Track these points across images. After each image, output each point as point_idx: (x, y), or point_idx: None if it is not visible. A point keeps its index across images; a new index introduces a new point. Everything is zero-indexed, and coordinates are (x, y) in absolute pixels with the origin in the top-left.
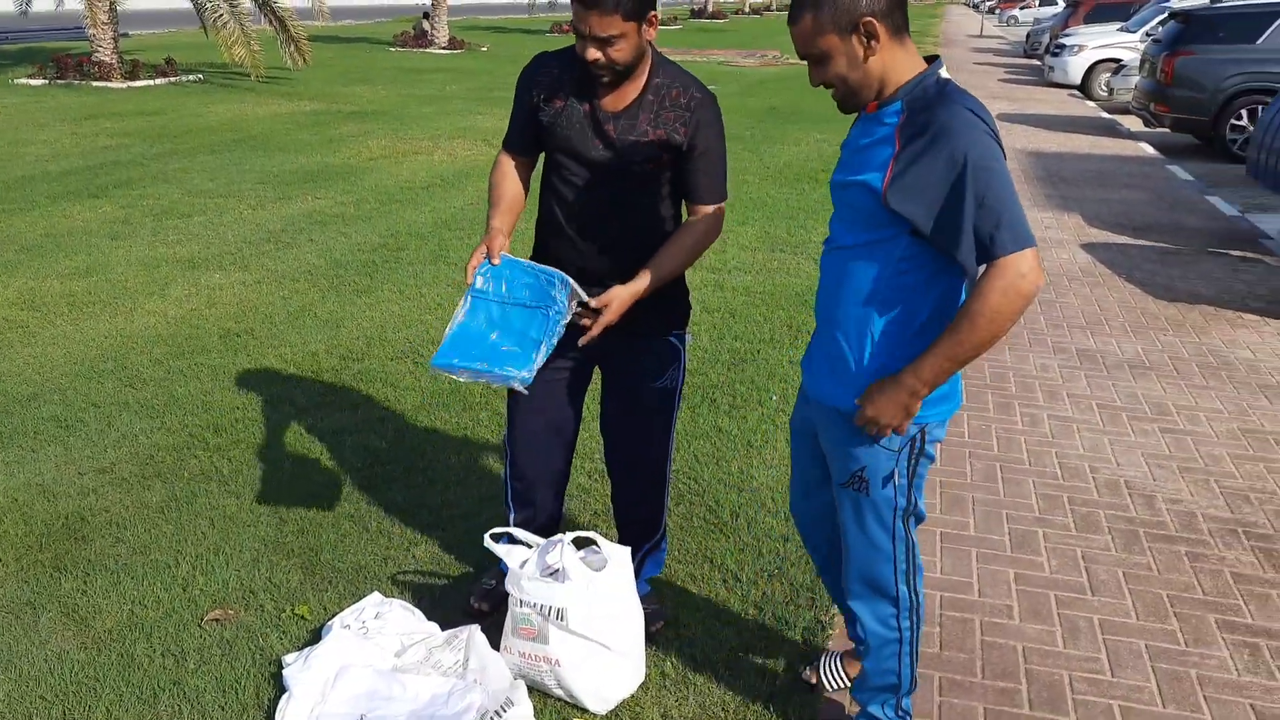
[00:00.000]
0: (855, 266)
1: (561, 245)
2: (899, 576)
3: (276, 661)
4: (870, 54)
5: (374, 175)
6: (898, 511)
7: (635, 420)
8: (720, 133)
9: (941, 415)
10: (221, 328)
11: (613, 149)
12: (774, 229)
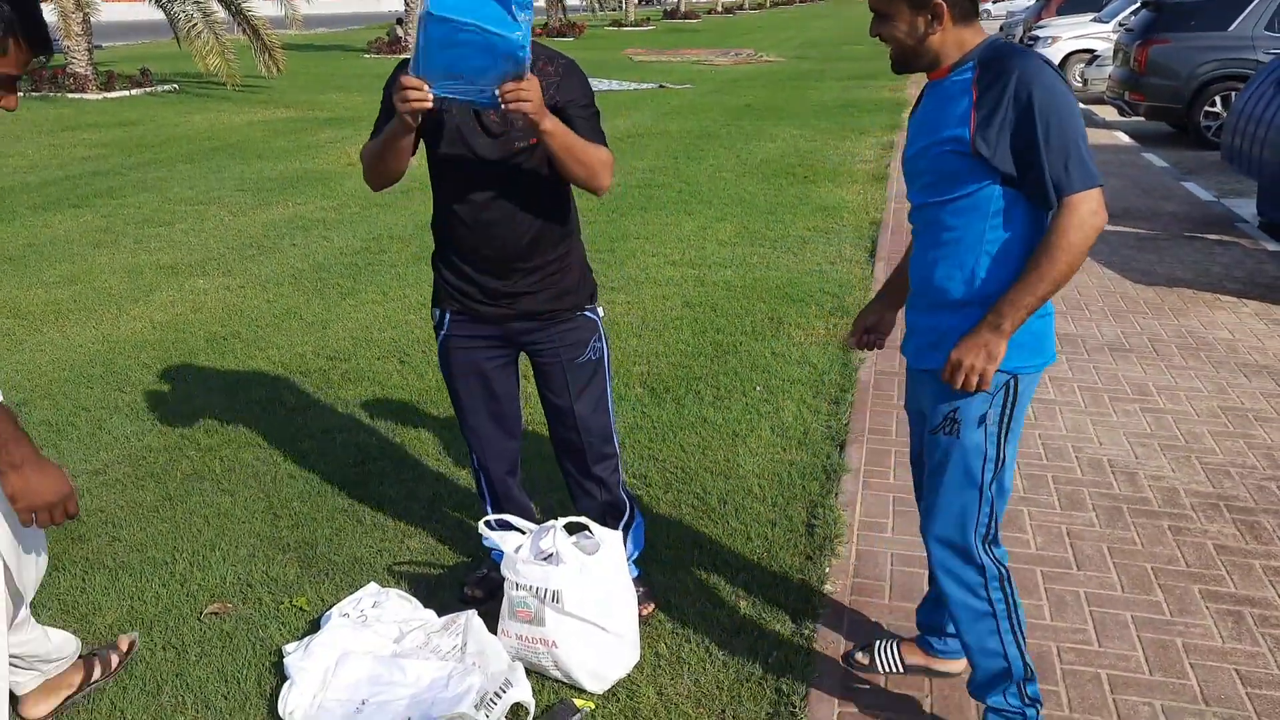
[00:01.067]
0: (945, 224)
1: (463, 236)
2: (979, 541)
3: (277, 651)
4: (931, 32)
5: (353, 180)
6: (987, 461)
7: (572, 398)
8: (588, 91)
9: (1034, 366)
10: (208, 332)
11: (497, 131)
12: (752, 224)
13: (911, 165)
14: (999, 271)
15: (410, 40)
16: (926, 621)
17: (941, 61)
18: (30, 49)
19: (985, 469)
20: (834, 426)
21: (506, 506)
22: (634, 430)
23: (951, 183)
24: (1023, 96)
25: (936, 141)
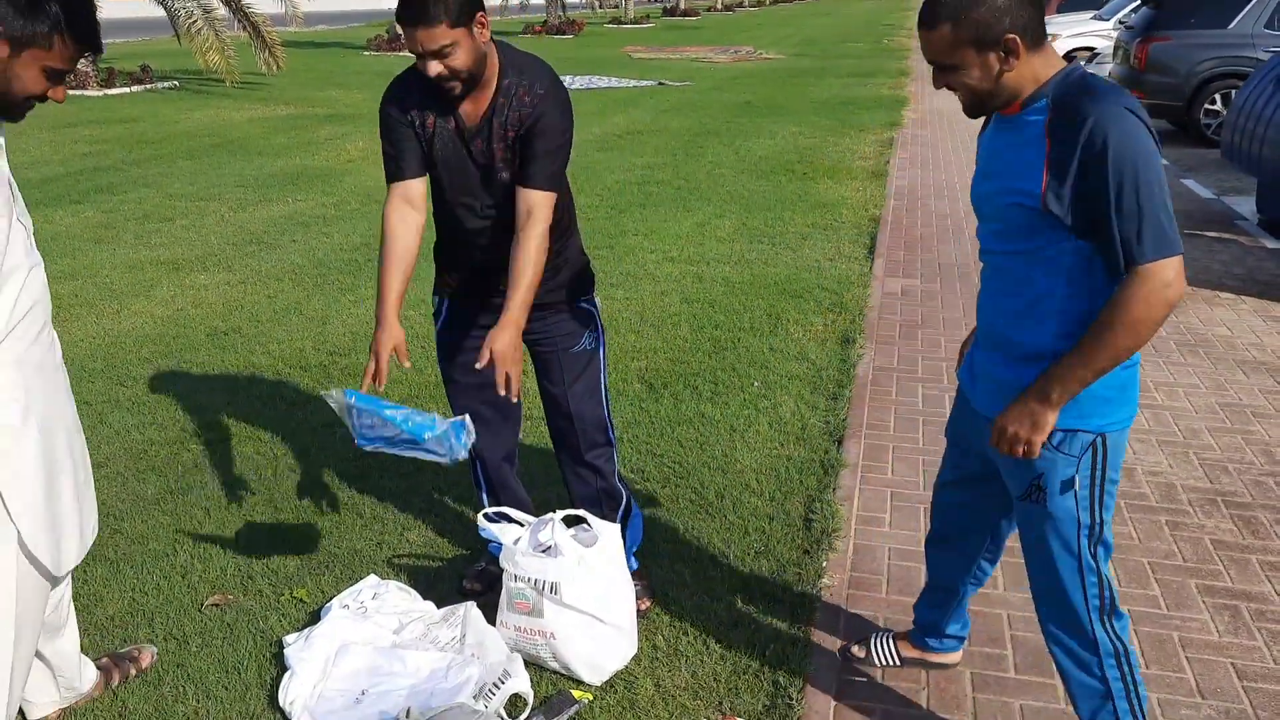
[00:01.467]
0: (1019, 277)
1: (459, 250)
2: (1092, 613)
3: (277, 642)
4: (1007, 69)
5: (352, 177)
6: (1082, 529)
7: (567, 386)
8: (562, 125)
9: (1119, 423)
10: (209, 327)
11: (483, 162)
12: (751, 221)
13: (980, 204)
14: (1077, 330)
15: None
16: (925, 620)
17: (1017, 96)
18: (77, 45)
19: (1081, 537)
20: (832, 422)
21: (502, 495)
22: (632, 425)
23: (1023, 235)
24: (1096, 144)
25: (1006, 190)
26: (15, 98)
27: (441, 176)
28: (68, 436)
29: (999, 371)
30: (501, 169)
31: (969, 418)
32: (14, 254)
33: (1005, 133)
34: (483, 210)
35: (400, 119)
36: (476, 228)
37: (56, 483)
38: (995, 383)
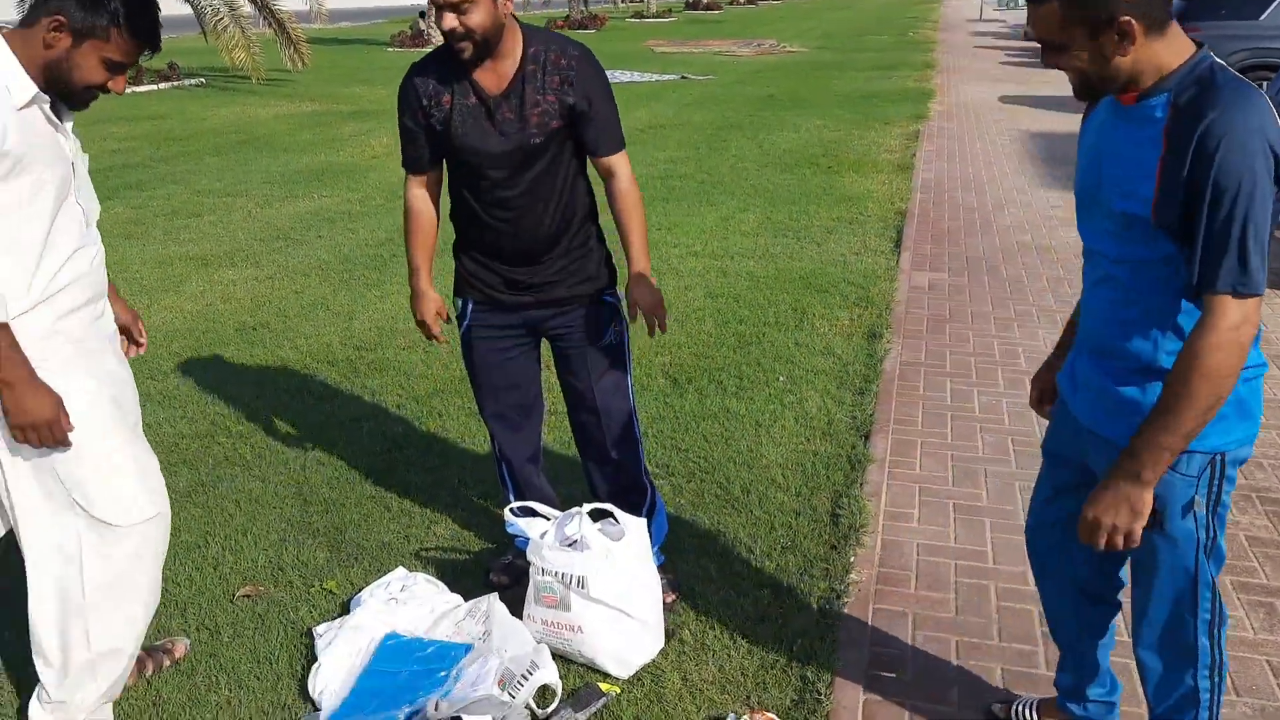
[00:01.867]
0: (1124, 286)
1: (482, 232)
2: (1200, 627)
3: (308, 633)
4: (1120, 53)
5: (377, 173)
6: (1200, 547)
7: (593, 382)
8: (605, 84)
9: (1237, 440)
10: (237, 321)
11: (509, 130)
12: (775, 214)
13: (1086, 198)
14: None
15: (433, 35)
16: (1062, 684)
17: (1135, 84)
18: (135, 41)
19: (1199, 556)
20: (859, 417)
21: (528, 495)
22: (656, 420)
23: (1135, 242)
24: (1207, 149)
25: (1120, 192)
26: (76, 86)
27: (463, 152)
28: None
29: (1103, 381)
30: (535, 134)
31: (1070, 428)
32: (66, 230)
33: (1122, 125)
34: (508, 181)
35: (412, 107)
36: (498, 203)
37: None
38: (1097, 392)
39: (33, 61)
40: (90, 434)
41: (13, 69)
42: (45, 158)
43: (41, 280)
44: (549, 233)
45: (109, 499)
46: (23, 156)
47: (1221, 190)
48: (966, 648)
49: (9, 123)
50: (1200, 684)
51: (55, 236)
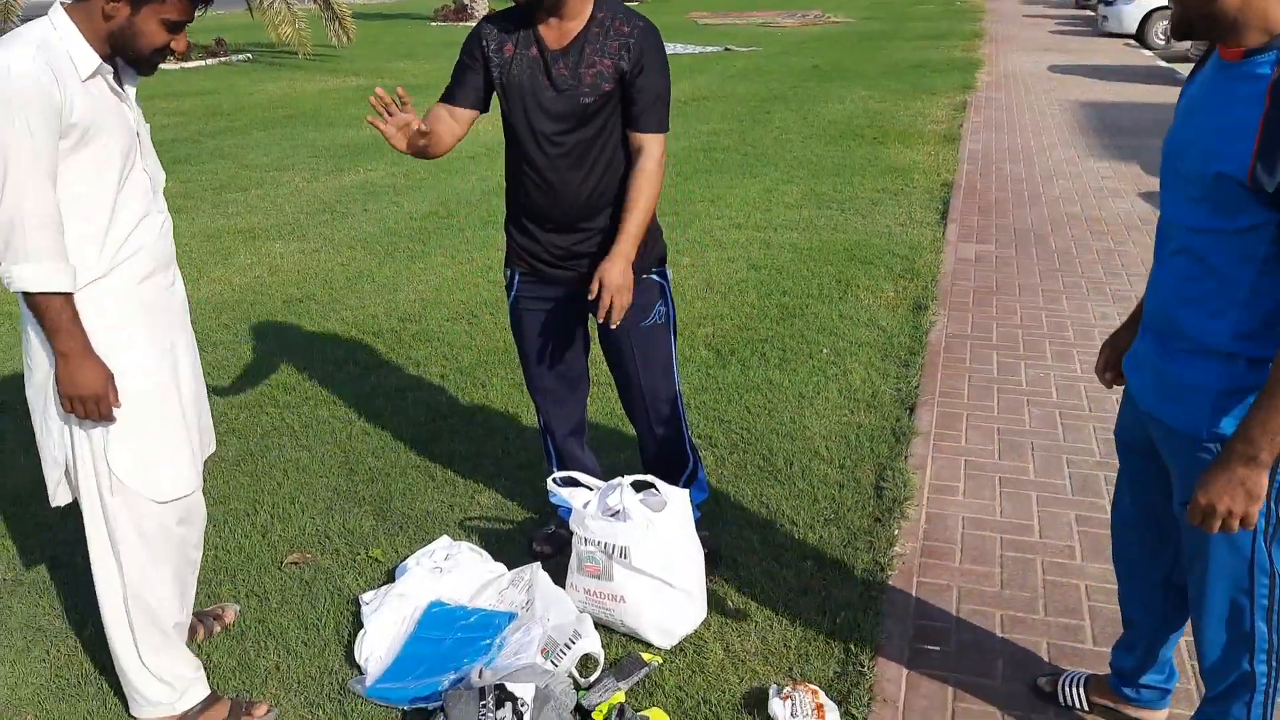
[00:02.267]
0: (1199, 259)
1: (527, 195)
2: (1257, 611)
3: (354, 600)
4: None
5: None
6: (1259, 534)
7: (637, 360)
8: (663, 61)
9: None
10: (284, 293)
11: (564, 85)
12: (820, 186)
13: (1172, 164)
14: (1260, 331)
15: (475, 9)
16: (1118, 664)
17: (1238, 35)
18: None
19: (1257, 539)
20: (903, 389)
21: (570, 467)
22: (699, 392)
23: (1222, 211)
24: None
25: (1211, 152)
26: (144, 52)
27: (513, 99)
28: (175, 371)
29: (1163, 364)
30: (586, 94)
31: (1132, 412)
32: (133, 197)
33: (1222, 82)
34: (554, 136)
35: (472, 50)
36: (545, 160)
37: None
38: (1156, 374)
39: (95, 34)
40: (137, 412)
41: (76, 41)
42: (110, 127)
43: (111, 247)
44: (589, 200)
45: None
46: (89, 127)
47: None
48: (1011, 621)
49: (75, 95)
50: (1257, 668)
51: (123, 204)
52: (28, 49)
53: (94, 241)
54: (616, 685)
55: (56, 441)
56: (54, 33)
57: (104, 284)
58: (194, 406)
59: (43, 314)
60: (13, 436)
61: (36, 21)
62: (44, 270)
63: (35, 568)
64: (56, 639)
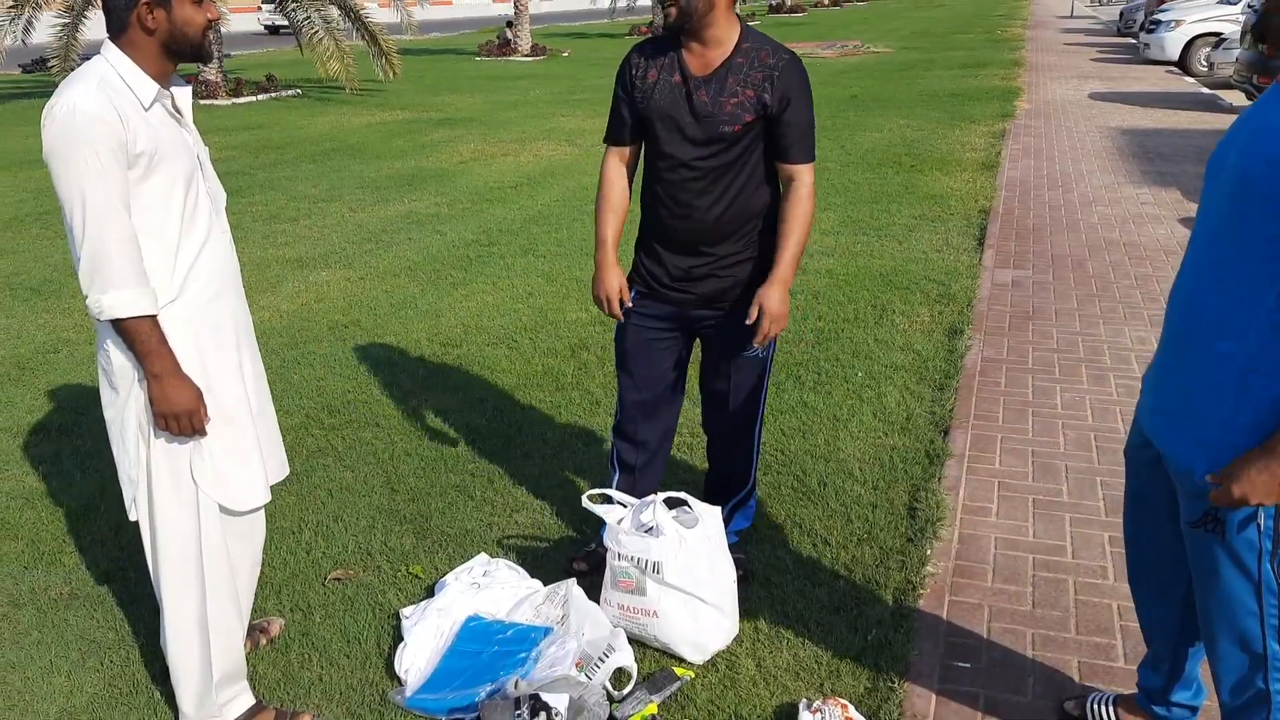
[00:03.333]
0: (1232, 280)
1: (658, 216)
2: (1269, 632)
3: (394, 615)
4: None
5: (465, 177)
6: (1264, 555)
7: (731, 387)
8: (808, 93)
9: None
10: (330, 320)
11: (704, 112)
12: (856, 213)
13: (1213, 168)
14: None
15: (519, 41)
16: (1146, 684)
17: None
18: None
19: (1263, 562)
20: (938, 412)
21: (641, 481)
22: None
23: (1244, 224)
24: None
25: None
26: (196, 39)
27: (654, 125)
28: (243, 387)
29: (1175, 374)
30: (726, 122)
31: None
32: (196, 220)
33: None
34: (691, 161)
35: (623, 81)
36: (677, 185)
37: (235, 428)
38: (1164, 395)
39: (148, 56)
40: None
41: (133, 72)
42: (173, 153)
43: (180, 270)
44: (717, 226)
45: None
46: (154, 154)
47: None
48: (1042, 640)
49: (138, 125)
50: (1272, 686)
51: (188, 227)
52: (89, 85)
53: (164, 266)
54: (649, 698)
55: (133, 460)
56: (110, 68)
57: (175, 307)
58: (263, 423)
59: (134, 338)
60: (69, 458)
61: (93, 60)
62: (131, 296)
63: (91, 582)
64: (110, 650)
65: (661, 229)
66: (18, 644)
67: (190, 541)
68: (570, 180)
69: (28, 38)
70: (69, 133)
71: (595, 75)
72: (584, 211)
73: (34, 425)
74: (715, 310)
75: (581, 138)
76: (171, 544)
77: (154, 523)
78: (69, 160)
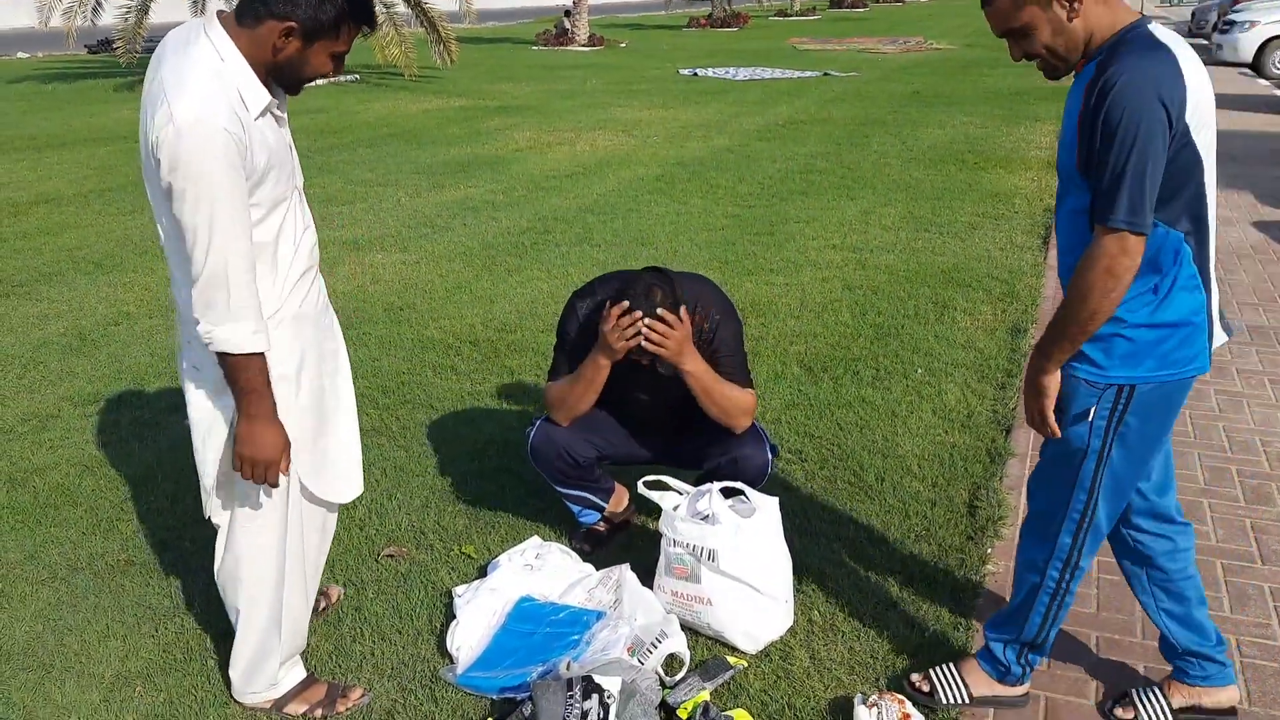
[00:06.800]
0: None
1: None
2: (1067, 525)
3: (446, 593)
4: (1074, 15)
5: (520, 165)
6: (1089, 454)
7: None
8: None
9: (1141, 375)
10: (386, 302)
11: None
12: (918, 209)
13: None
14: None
15: (576, 30)
16: (1170, 652)
17: (1092, 45)
18: (359, 27)
19: (1087, 460)
20: (1000, 411)
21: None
22: (790, 407)
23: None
24: (1104, 93)
25: (1063, 145)
26: (305, 80)
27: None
28: (342, 380)
29: None
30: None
31: None
32: (294, 221)
33: (1072, 92)
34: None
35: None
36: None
37: (331, 422)
38: None
39: (261, 64)
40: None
41: (247, 78)
42: (279, 161)
43: (281, 277)
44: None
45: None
46: (265, 164)
47: (1112, 130)
48: (1107, 643)
49: (253, 135)
50: (1049, 572)
51: (287, 232)
52: (208, 89)
53: (269, 277)
54: (702, 685)
55: (212, 460)
56: (223, 65)
57: (278, 317)
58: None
59: (239, 374)
60: (128, 427)
61: (201, 45)
62: (246, 331)
63: (147, 550)
64: (165, 617)
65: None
66: (76, 608)
67: (277, 534)
68: (626, 171)
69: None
70: (198, 148)
71: (652, 66)
72: (640, 202)
73: (94, 395)
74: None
75: (637, 129)
76: (260, 536)
77: (241, 515)
78: (198, 179)
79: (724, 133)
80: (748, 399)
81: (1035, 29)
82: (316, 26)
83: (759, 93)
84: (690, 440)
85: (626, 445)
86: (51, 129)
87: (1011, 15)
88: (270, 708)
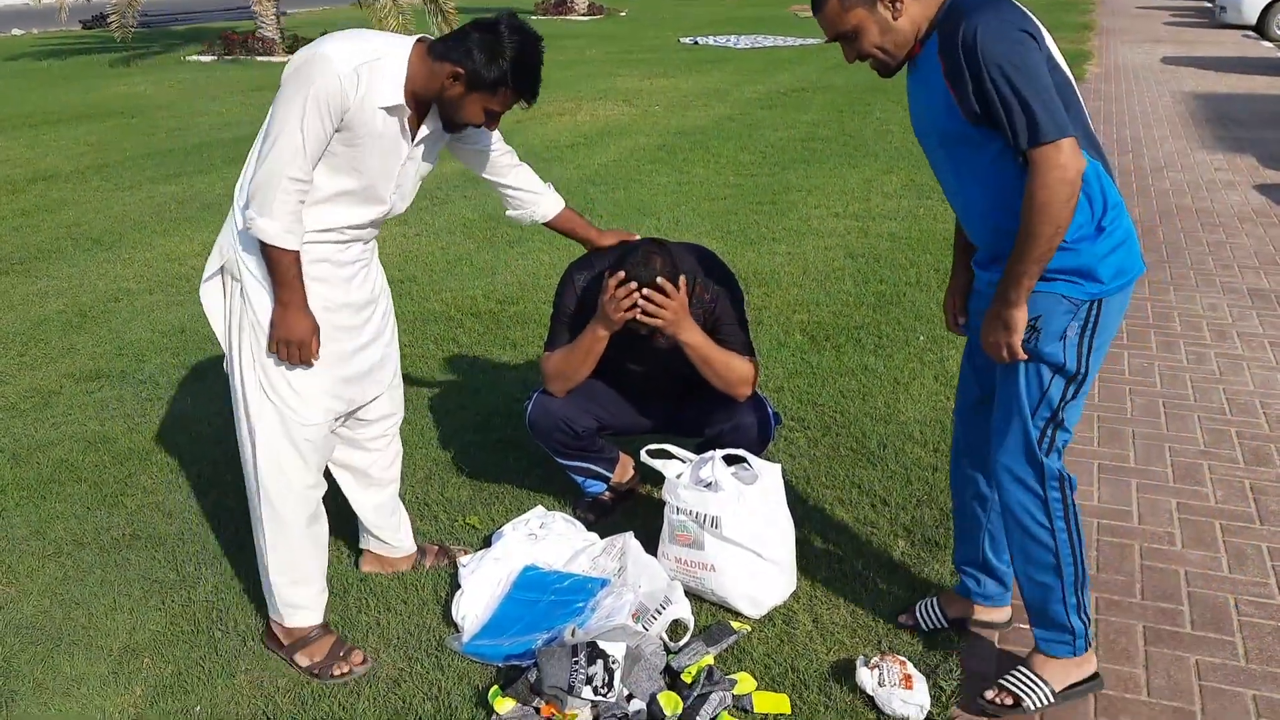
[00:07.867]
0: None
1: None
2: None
3: (451, 563)
4: (898, 14)
5: (520, 136)
6: (1059, 371)
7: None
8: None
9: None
10: (387, 275)
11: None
12: (920, 177)
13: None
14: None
15: (576, 3)
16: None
17: (916, 42)
18: (518, 95)
19: (1057, 376)
20: None
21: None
22: (793, 376)
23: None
24: (968, 42)
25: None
26: (458, 122)
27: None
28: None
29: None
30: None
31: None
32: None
33: (915, 74)
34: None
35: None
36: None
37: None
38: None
39: (428, 89)
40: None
41: (395, 78)
42: (370, 154)
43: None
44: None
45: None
46: (354, 140)
47: (993, 68)
48: (1106, 604)
49: (363, 107)
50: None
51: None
52: (355, 48)
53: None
54: (706, 650)
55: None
56: (381, 60)
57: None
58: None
59: (275, 264)
60: (131, 402)
61: (394, 40)
62: (280, 229)
63: (152, 524)
64: (171, 590)
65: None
66: (82, 582)
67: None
68: (627, 141)
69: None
70: (307, 71)
71: (652, 35)
72: (641, 172)
73: (95, 371)
74: None
75: (639, 98)
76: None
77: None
78: (293, 94)
79: (725, 101)
80: (747, 368)
81: (864, 31)
82: (478, 81)
83: (760, 60)
84: (692, 408)
85: (627, 415)
86: (47, 106)
87: (840, 20)
88: (284, 638)
